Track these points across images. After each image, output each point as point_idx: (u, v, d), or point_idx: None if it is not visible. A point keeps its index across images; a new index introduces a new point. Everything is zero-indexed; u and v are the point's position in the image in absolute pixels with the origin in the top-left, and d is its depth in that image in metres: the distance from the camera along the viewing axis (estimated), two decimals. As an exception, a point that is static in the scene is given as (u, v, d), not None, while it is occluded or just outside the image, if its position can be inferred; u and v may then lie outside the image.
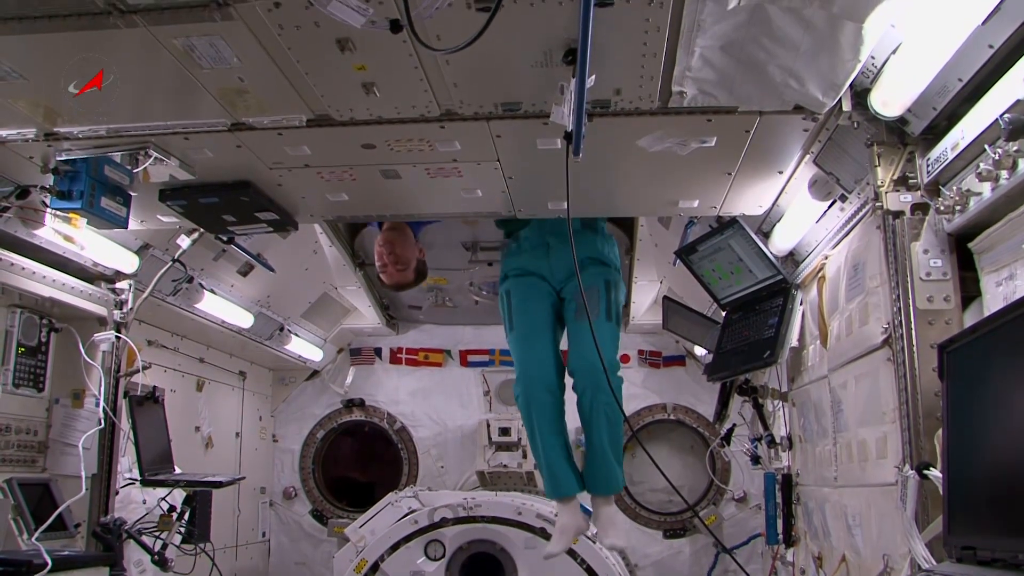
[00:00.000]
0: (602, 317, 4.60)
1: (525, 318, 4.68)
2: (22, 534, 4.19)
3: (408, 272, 4.96)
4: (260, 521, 7.81)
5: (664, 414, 7.67)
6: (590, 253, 4.70)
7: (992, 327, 1.90)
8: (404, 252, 4.89)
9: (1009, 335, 1.81)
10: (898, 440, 3.17)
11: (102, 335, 4.78)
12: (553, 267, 4.71)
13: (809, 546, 4.65)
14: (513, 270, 4.80)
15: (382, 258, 4.92)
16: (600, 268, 4.71)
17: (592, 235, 4.79)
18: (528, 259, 4.74)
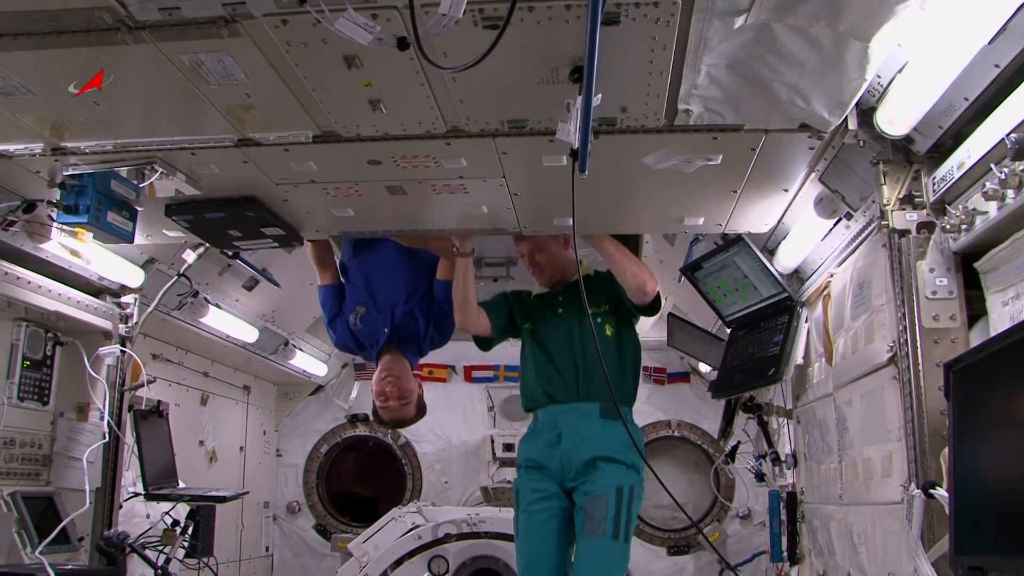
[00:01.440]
0: (608, 534, 3.96)
1: (530, 530, 4.21)
2: (26, 548, 4.19)
3: (410, 407, 4.47)
4: (263, 536, 7.80)
5: (668, 431, 7.66)
6: (603, 451, 4.07)
7: (999, 346, 1.90)
8: (408, 384, 4.42)
9: (1016, 354, 1.81)
10: (903, 459, 3.16)
11: (107, 349, 4.79)
12: (564, 462, 4.13)
13: (814, 564, 4.63)
14: (525, 460, 4.35)
15: (384, 392, 4.39)
16: (615, 468, 4.05)
17: (610, 423, 4.11)
18: (541, 449, 4.23)
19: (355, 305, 4.52)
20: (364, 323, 4.48)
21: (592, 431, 4.12)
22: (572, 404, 4.21)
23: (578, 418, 4.16)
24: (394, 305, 4.46)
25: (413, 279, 4.53)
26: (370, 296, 4.50)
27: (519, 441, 4.57)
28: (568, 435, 4.14)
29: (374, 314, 4.47)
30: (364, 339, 4.50)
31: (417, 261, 4.56)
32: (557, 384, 4.28)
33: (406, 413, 4.48)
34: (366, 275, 4.54)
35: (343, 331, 4.55)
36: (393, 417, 4.47)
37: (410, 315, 4.47)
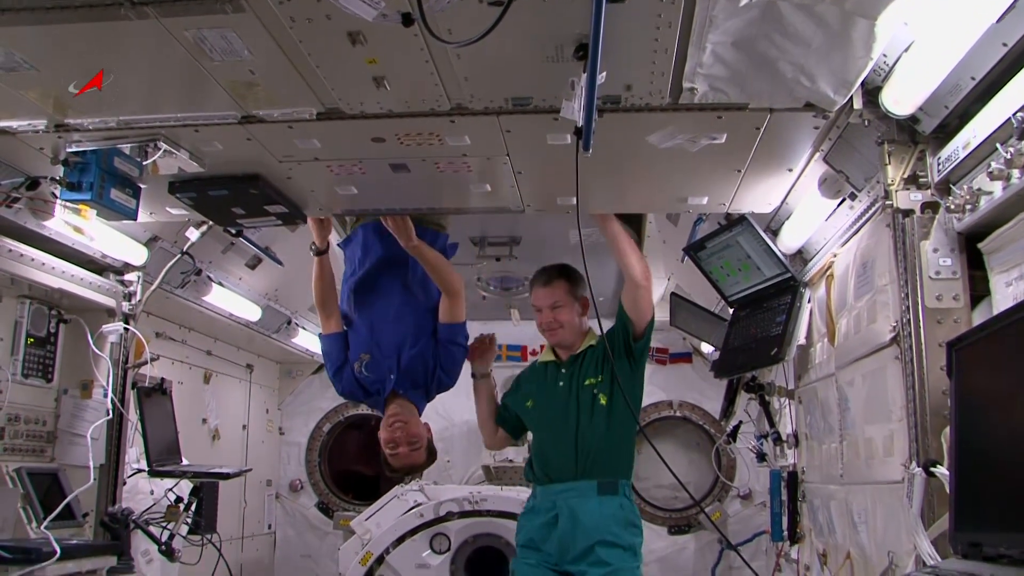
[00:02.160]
0: None
1: None
2: (31, 523, 4.22)
3: (420, 452, 4.30)
4: (266, 513, 7.84)
5: (670, 411, 7.68)
6: (601, 535, 3.99)
7: (1001, 325, 1.90)
8: (417, 429, 4.27)
9: (1019, 334, 1.81)
10: (905, 438, 3.17)
11: (110, 326, 4.80)
12: (561, 545, 4.08)
13: (814, 543, 4.65)
14: (524, 540, 4.29)
15: (393, 438, 4.23)
16: (611, 553, 3.97)
17: (608, 500, 4.07)
18: (538, 529, 4.18)
19: (360, 352, 4.40)
20: (370, 370, 4.36)
21: (589, 511, 4.06)
22: (569, 483, 4.15)
23: (575, 497, 4.10)
24: (400, 351, 4.35)
25: (417, 324, 4.42)
26: (375, 343, 4.38)
27: (520, 516, 4.46)
28: (565, 517, 4.09)
29: (380, 361, 4.35)
30: (371, 387, 4.38)
31: (419, 305, 4.48)
32: (554, 463, 4.24)
33: (416, 459, 4.31)
34: (369, 322, 4.43)
35: (349, 380, 4.42)
36: (403, 464, 4.30)
37: (416, 360, 4.35)
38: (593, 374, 4.22)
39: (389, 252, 4.40)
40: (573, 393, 4.24)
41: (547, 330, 4.38)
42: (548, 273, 4.41)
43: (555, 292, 4.34)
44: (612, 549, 4.00)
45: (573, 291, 4.37)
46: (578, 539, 4.02)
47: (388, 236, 4.29)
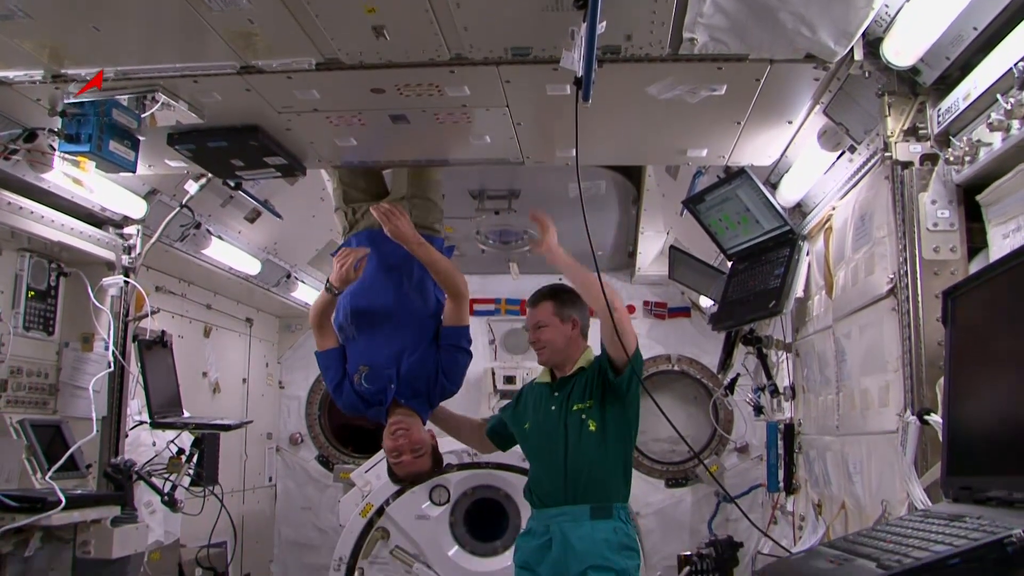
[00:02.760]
0: None
1: None
2: (36, 473, 4.25)
3: (424, 458, 4.22)
4: (267, 466, 7.91)
5: (668, 365, 7.71)
6: (594, 560, 3.99)
7: (996, 273, 1.92)
8: (420, 435, 4.21)
9: (1014, 281, 1.83)
10: (900, 388, 3.20)
11: (110, 279, 4.81)
12: (556, 568, 4.07)
13: (809, 494, 4.71)
14: (519, 560, 4.30)
15: (396, 446, 4.17)
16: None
17: (601, 524, 4.06)
18: (533, 551, 4.18)
19: (358, 364, 4.31)
20: (369, 381, 4.27)
21: (581, 536, 4.06)
22: (562, 508, 4.14)
23: (568, 522, 4.10)
24: (399, 359, 4.26)
25: (416, 330, 4.34)
26: (373, 354, 4.29)
27: (518, 536, 4.46)
28: (558, 541, 4.09)
29: (379, 371, 4.26)
30: (371, 398, 4.29)
31: (418, 311, 4.40)
32: (546, 487, 4.24)
33: (421, 466, 4.23)
34: (366, 333, 4.35)
35: (349, 394, 4.34)
36: (408, 472, 4.25)
37: (417, 367, 4.27)
38: (581, 399, 4.16)
39: (385, 259, 4.34)
40: (562, 418, 4.20)
41: (535, 351, 4.41)
42: (538, 294, 4.42)
43: (538, 313, 4.35)
44: (604, 573, 4.01)
45: (559, 311, 4.32)
46: (570, 564, 4.03)
47: (384, 242, 4.21)
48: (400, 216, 4.11)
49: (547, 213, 4.85)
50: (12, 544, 3.85)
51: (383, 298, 4.33)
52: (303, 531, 7.98)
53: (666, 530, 7.58)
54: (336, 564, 6.11)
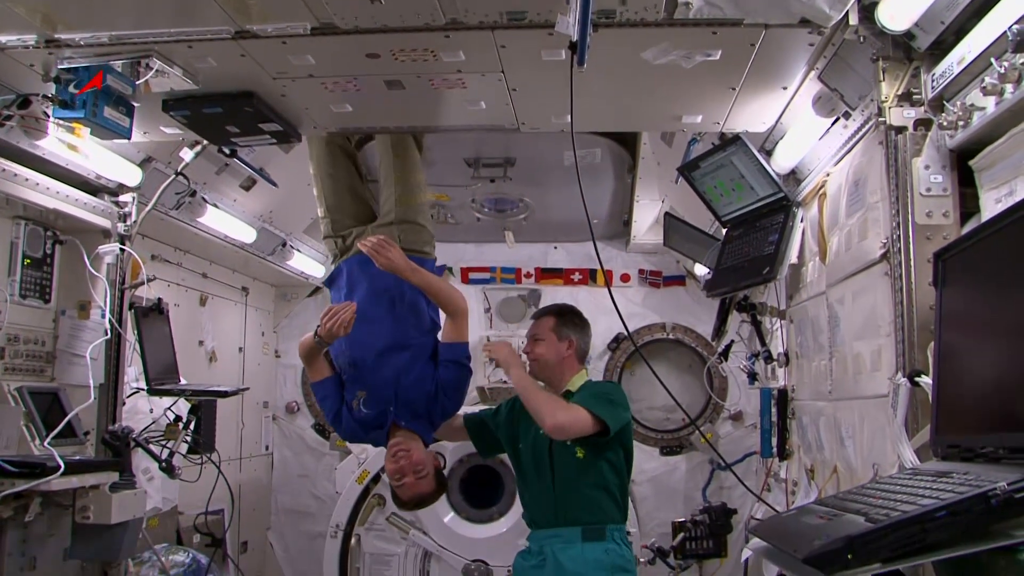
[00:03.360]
0: None
1: None
2: (34, 440, 4.27)
3: (427, 479, 4.17)
4: (263, 435, 7.95)
5: (663, 333, 7.74)
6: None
7: (988, 233, 1.94)
8: (421, 456, 4.15)
9: (1004, 241, 1.85)
10: (892, 352, 3.23)
11: (106, 247, 4.81)
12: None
13: (802, 460, 4.75)
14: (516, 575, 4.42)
15: (398, 469, 4.13)
16: None
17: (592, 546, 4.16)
18: (528, 570, 4.28)
19: (355, 391, 4.29)
20: (368, 406, 4.25)
21: (573, 557, 4.13)
22: (554, 529, 4.22)
23: (559, 544, 4.17)
24: (396, 382, 4.23)
25: (411, 352, 4.31)
26: (369, 378, 4.28)
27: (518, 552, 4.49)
28: (550, 563, 4.17)
29: (377, 395, 4.25)
30: (371, 422, 4.28)
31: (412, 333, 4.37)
32: (536, 510, 4.32)
33: (424, 487, 4.18)
34: (359, 359, 4.32)
35: (348, 421, 4.32)
36: (412, 495, 4.18)
37: (414, 388, 4.25)
38: None
39: (375, 283, 4.33)
40: (549, 441, 4.25)
41: (527, 359, 4.47)
42: (544, 309, 4.57)
43: (538, 326, 4.45)
44: None
45: (558, 329, 4.41)
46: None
47: (373, 267, 4.19)
48: (390, 247, 4.11)
49: (541, 184, 4.86)
50: (12, 509, 3.89)
51: (377, 324, 4.30)
52: (300, 499, 8.04)
53: (660, 497, 7.66)
54: (333, 531, 6.18)
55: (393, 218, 4.50)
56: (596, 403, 4.14)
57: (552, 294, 7.84)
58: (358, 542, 6.10)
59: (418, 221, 4.56)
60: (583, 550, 4.13)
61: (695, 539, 5.87)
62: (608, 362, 7.72)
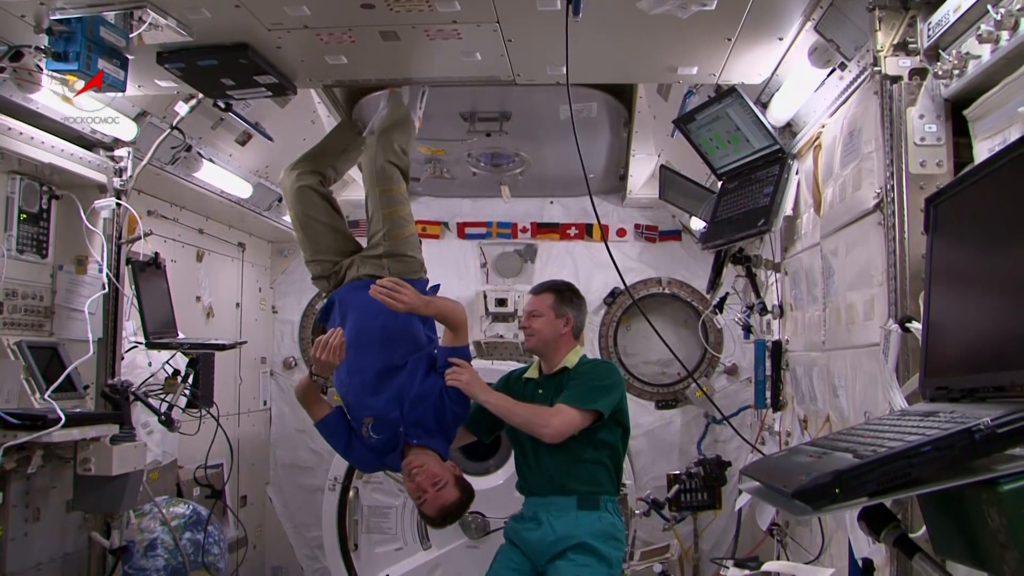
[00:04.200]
0: None
1: None
2: (34, 393, 4.32)
3: (448, 489, 4.07)
4: (261, 390, 8.00)
5: (659, 288, 7.77)
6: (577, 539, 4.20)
7: (979, 177, 1.95)
8: (436, 469, 4.08)
9: (995, 183, 1.86)
10: (885, 301, 3.26)
11: (103, 201, 4.81)
12: (539, 548, 4.27)
13: (795, 411, 4.81)
14: (508, 535, 4.48)
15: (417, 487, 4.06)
16: (583, 558, 4.17)
17: (587, 515, 4.25)
18: (523, 534, 4.35)
19: (362, 418, 4.23)
20: (377, 432, 4.18)
21: (568, 522, 4.23)
22: (549, 497, 4.30)
23: (555, 511, 4.26)
24: (401, 402, 4.17)
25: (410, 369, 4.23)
26: (374, 403, 4.21)
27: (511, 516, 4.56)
28: (546, 526, 4.26)
29: (384, 418, 4.18)
30: (384, 447, 4.21)
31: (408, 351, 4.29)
32: (533, 480, 4.38)
33: (447, 497, 4.07)
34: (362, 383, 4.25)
35: (360, 451, 4.27)
36: (436, 509, 4.07)
37: (421, 404, 4.17)
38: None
39: (366, 308, 4.23)
40: None
41: (524, 336, 4.53)
42: (543, 285, 4.58)
43: (537, 301, 4.48)
44: (587, 555, 4.19)
45: (557, 307, 4.45)
46: (554, 543, 4.23)
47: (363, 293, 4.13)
48: (402, 289, 4.02)
49: (537, 139, 4.82)
50: (15, 461, 3.94)
51: (372, 346, 4.25)
52: (298, 453, 8.10)
53: (656, 451, 7.73)
54: (331, 484, 6.24)
55: (382, 251, 4.42)
56: (587, 397, 4.23)
57: (548, 249, 7.86)
58: (356, 495, 6.16)
59: (407, 253, 4.47)
60: (578, 517, 4.25)
61: (690, 491, 5.95)
62: (604, 317, 7.75)
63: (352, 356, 4.15)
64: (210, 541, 5.33)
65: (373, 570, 6.09)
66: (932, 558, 1.81)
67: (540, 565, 4.29)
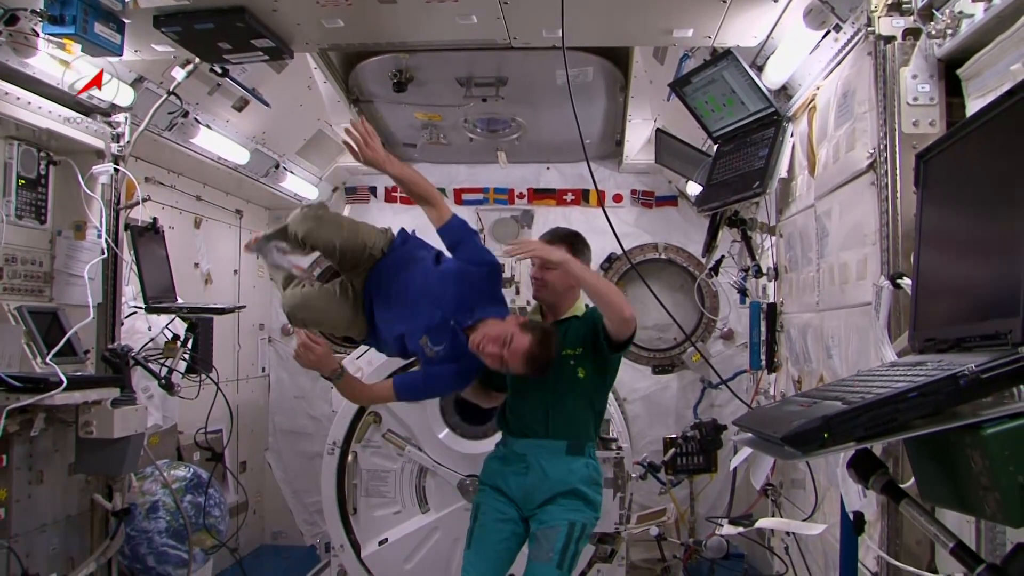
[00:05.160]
0: (553, 561, 4.16)
1: (483, 545, 4.33)
2: (35, 358, 4.34)
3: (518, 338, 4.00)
4: (259, 356, 8.04)
5: (655, 253, 7.79)
6: (568, 486, 4.28)
7: (968, 131, 1.97)
8: (496, 330, 4.04)
9: (984, 137, 1.89)
10: (877, 261, 3.30)
11: (100, 167, 4.81)
12: (527, 494, 4.32)
13: (790, 371, 4.85)
14: (490, 480, 4.46)
15: (491, 354, 4.00)
16: (573, 503, 4.26)
17: (576, 460, 4.33)
18: (507, 477, 4.37)
19: (418, 342, 4.22)
20: (437, 342, 4.18)
21: (557, 466, 4.30)
22: (540, 440, 4.33)
23: (545, 455, 4.31)
24: (440, 305, 4.17)
25: (423, 272, 4.28)
26: (415, 325, 4.23)
27: (487, 458, 4.61)
28: (535, 469, 4.31)
29: (433, 327, 4.18)
30: (456, 350, 4.17)
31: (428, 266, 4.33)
32: (528, 420, 4.39)
33: (522, 345, 3.99)
34: (399, 329, 4.29)
35: (441, 370, 4.26)
36: (522, 361, 4.02)
37: (454, 291, 4.17)
38: (572, 345, 4.29)
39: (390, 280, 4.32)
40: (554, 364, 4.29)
41: (534, 285, 4.49)
42: (555, 235, 4.46)
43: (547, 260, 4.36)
44: (575, 500, 4.29)
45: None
46: (545, 490, 4.29)
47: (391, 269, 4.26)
48: (372, 138, 4.00)
49: (533, 104, 4.80)
50: (18, 424, 3.97)
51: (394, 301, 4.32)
52: (296, 420, 8.17)
53: (652, 415, 7.80)
54: (330, 448, 6.27)
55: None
56: None
57: (545, 215, 7.88)
58: (355, 459, 6.20)
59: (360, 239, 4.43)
60: (567, 462, 4.33)
61: (686, 455, 5.99)
62: (600, 282, 7.77)
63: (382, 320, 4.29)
64: (211, 503, 5.39)
65: (372, 534, 6.15)
66: (919, 503, 1.85)
67: (528, 510, 4.37)
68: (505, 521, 4.35)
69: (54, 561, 4.44)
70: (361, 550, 6.09)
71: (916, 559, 3.11)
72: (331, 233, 4.32)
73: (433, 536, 6.01)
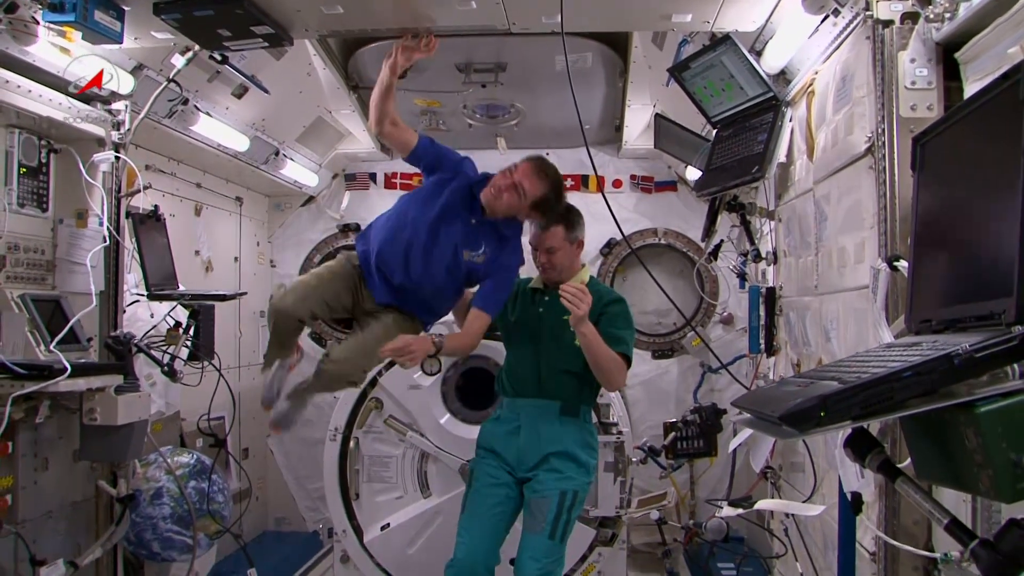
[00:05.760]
0: (545, 532, 4.26)
1: (478, 511, 4.42)
2: (39, 345, 4.37)
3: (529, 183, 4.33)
4: (260, 344, 8.04)
5: (655, 238, 7.80)
6: (561, 447, 4.40)
7: (964, 114, 1.99)
8: (500, 179, 4.40)
9: (979, 120, 1.91)
10: (875, 244, 3.32)
11: (102, 155, 4.82)
12: (520, 455, 4.45)
13: (789, 355, 4.88)
14: (485, 443, 4.59)
15: (507, 203, 4.33)
16: (564, 465, 4.39)
17: (569, 422, 4.47)
18: (501, 437, 4.50)
19: (463, 252, 4.40)
20: (473, 243, 4.39)
21: (550, 428, 4.41)
22: (534, 400, 4.45)
23: (538, 414, 4.43)
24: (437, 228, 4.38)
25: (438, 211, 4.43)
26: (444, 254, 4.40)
27: (484, 422, 4.76)
28: (527, 429, 4.43)
29: (462, 238, 4.40)
30: (490, 232, 4.44)
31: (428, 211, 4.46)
32: (521, 379, 4.51)
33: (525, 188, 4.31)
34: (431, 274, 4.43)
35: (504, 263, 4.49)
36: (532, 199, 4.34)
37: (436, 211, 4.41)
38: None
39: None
40: (548, 322, 4.50)
41: (541, 269, 4.61)
42: (549, 218, 4.56)
43: (551, 238, 4.53)
44: (567, 461, 4.39)
45: (569, 235, 4.56)
46: (536, 449, 4.39)
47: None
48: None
49: (532, 90, 4.80)
50: (23, 411, 4.00)
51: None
52: (299, 407, 8.18)
53: (652, 400, 7.82)
54: (332, 434, 6.31)
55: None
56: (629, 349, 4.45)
57: (544, 201, 7.86)
58: (357, 445, 6.24)
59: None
60: (561, 423, 4.45)
61: (686, 439, 6.03)
62: (600, 267, 7.79)
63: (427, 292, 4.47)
64: (214, 489, 5.42)
65: (374, 519, 6.19)
66: (914, 480, 1.88)
67: (522, 472, 4.45)
68: (498, 485, 4.44)
69: (61, 547, 4.48)
70: (364, 535, 6.15)
71: (913, 539, 3.15)
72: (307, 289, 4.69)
73: (435, 521, 6.05)
